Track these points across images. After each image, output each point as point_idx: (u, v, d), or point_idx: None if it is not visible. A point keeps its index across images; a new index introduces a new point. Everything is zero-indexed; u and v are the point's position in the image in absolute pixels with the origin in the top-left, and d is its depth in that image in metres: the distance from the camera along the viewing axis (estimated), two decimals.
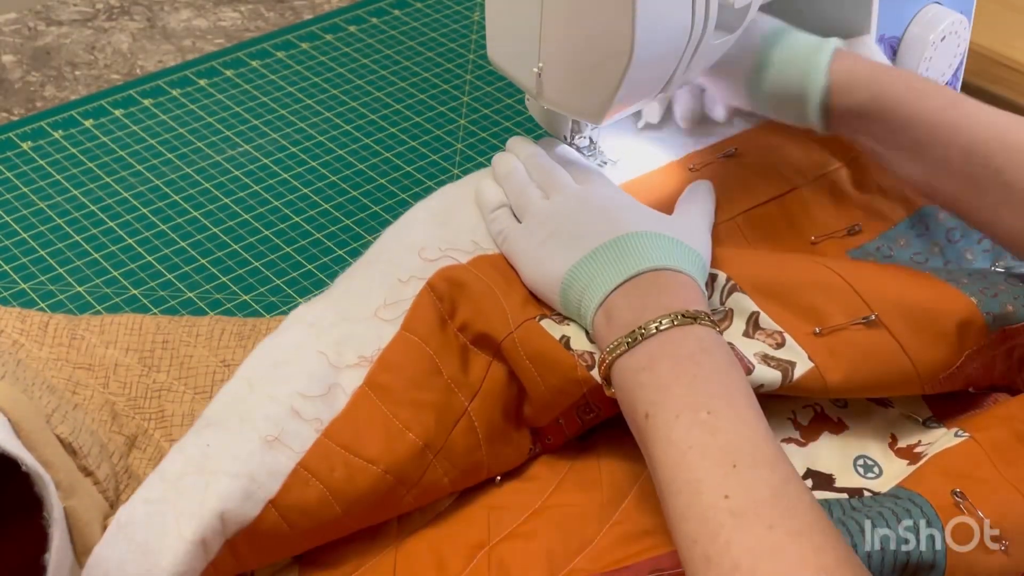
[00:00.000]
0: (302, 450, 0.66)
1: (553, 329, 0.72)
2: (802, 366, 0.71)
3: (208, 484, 0.63)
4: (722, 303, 0.75)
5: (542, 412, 0.72)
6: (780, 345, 0.72)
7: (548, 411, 0.72)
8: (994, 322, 0.74)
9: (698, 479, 0.59)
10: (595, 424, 0.73)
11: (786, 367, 0.71)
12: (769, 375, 0.70)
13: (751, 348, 0.72)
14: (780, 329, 0.73)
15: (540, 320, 0.73)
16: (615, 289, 0.70)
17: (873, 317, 0.73)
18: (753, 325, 0.74)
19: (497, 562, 0.67)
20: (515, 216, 0.79)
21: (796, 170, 0.87)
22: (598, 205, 0.76)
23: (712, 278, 0.76)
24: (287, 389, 0.69)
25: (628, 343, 0.66)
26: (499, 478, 0.72)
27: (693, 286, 0.70)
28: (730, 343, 0.72)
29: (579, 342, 0.72)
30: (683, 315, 0.66)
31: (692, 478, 0.60)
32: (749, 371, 0.70)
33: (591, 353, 0.71)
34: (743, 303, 0.75)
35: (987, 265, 0.83)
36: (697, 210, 0.79)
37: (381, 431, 0.68)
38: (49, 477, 0.62)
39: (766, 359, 0.71)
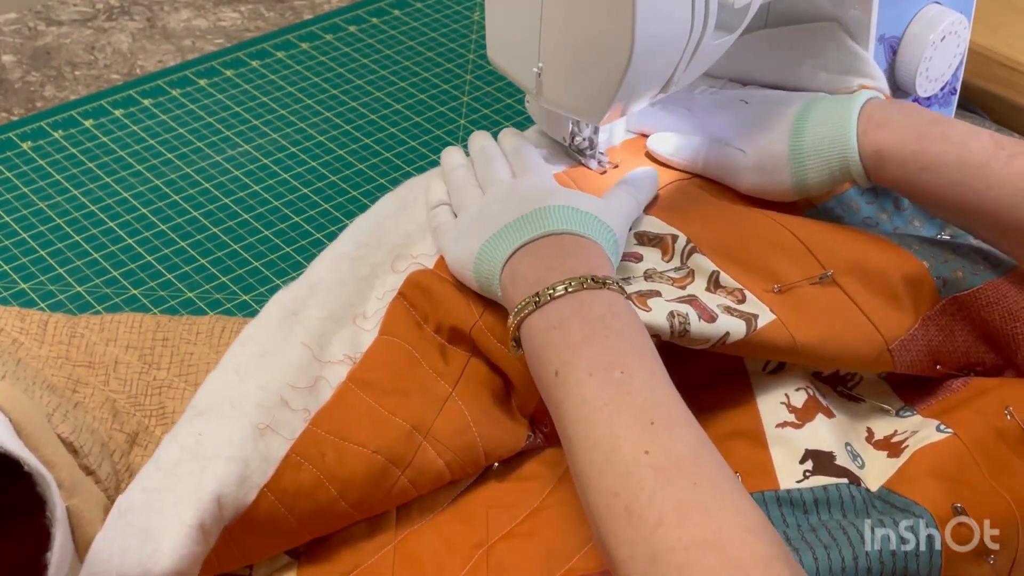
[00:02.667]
0: (293, 437, 0.68)
1: None
2: (765, 318, 0.73)
3: (204, 469, 0.64)
4: (683, 263, 0.77)
5: (527, 394, 0.72)
6: (741, 301, 0.74)
7: (531, 391, 0.72)
8: (944, 287, 0.76)
9: (616, 435, 0.60)
10: None
11: (749, 317, 0.72)
12: (733, 323, 0.72)
13: (714, 300, 0.74)
14: (740, 286, 0.75)
15: None
16: (518, 250, 0.71)
17: (829, 274, 0.75)
18: (714, 283, 0.76)
19: (495, 561, 0.67)
20: (455, 213, 0.81)
21: None
22: (522, 193, 0.77)
23: (673, 239, 0.78)
24: (276, 379, 0.70)
25: (535, 302, 0.67)
26: (496, 464, 0.72)
27: (599, 251, 0.71)
28: (693, 295, 0.73)
29: None
30: (592, 279, 0.67)
31: (609, 433, 0.60)
32: (713, 319, 0.71)
33: None
34: (703, 263, 0.77)
35: (934, 233, 0.85)
36: (624, 192, 0.80)
37: (367, 418, 0.69)
38: (51, 477, 0.62)
39: (729, 310, 0.73)
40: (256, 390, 0.69)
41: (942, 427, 0.71)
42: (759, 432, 0.73)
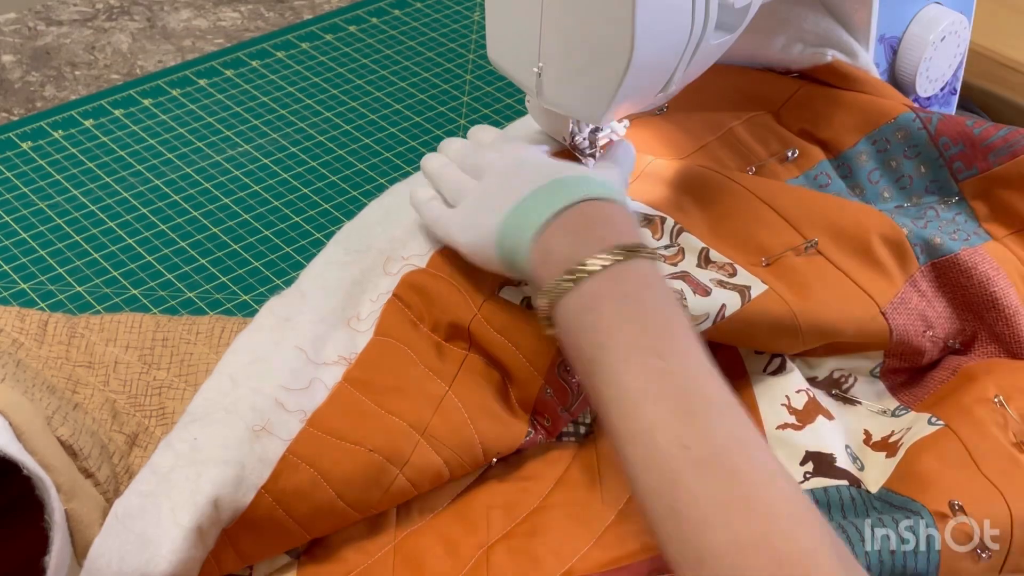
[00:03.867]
0: (289, 438, 0.67)
1: (513, 295, 0.74)
2: (757, 288, 0.74)
3: (200, 473, 0.64)
4: (672, 242, 0.78)
5: (528, 385, 0.72)
6: (732, 275, 0.75)
7: (532, 381, 0.72)
8: (922, 254, 0.78)
9: (654, 428, 0.59)
10: (587, 403, 0.73)
11: (742, 289, 0.73)
12: (728, 295, 0.73)
13: (706, 276, 0.75)
14: (730, 261, 0.76)
15: (500, 291, 0.74)
16: (549, 223, 0.68)
17: (814, 243, 0.77)
18: (704, 259, 0.77)
19: (495, 561, 0.67)
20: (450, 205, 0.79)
21: (726, 116, 0.90)
22: (527, 163, 0.76)
23: (661, 220, 0.79)
24: (270, 382, 0.70)
25: (569, 281, 0.65)
26: (495, 461, 0.72)
27: (626, 215, 0.70)
28: (685, 271, 0.74)
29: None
30: (625, 248, 0.65)
31: (648, 427, 0.59)
32: (707, 292, 0.72)
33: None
34: (692, 241, 0.78)
35: (902, 203, 0.86)
36: (611, 166, 0.80)
37: (364, 417, 0.69)
38: (50, 480, 0.62)
39: (722, 284, 0.74)
40: (250, 393, 0.69)
41: (933, 419, 0.72)
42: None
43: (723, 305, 0.72)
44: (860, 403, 0.77)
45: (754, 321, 0.73)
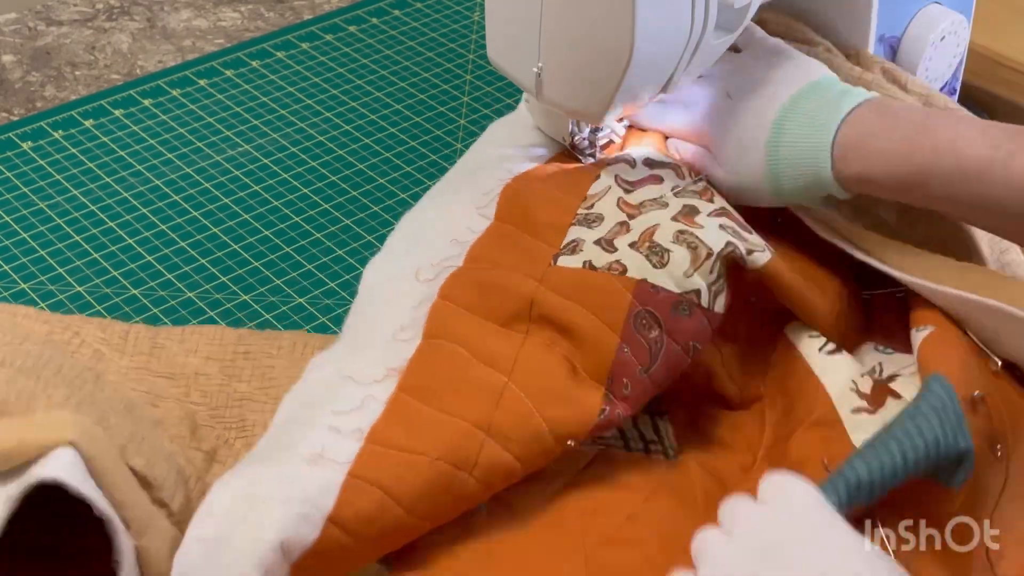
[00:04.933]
0: (348, 461, 0.64)
1: (571, 261, 0.73)
2: (766, 255, 0.75)
3: (261, 515, 0.61)
4: (697, 178, 0.80)
5: (602, 346, 0.70)
6: (750, 232, 0.76)
7: (607, 341, 0.70)
8: None
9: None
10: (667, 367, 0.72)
11: (761, 246, 0.75)
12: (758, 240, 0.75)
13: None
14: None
15: (556, 262, 0.73)
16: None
17: None
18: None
19: (597, 567, 0.65)
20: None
21: None
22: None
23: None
24: (321, 411, 0.67)
25: None
26: (571, 442, 0.68)
27: None
28: (724, 207, 0.76)
29: (600, 260, 0.73)
30: None
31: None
32: (750, 230, 0.75)
33: (618, 261, 0.72)
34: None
35: None
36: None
37: (424, 424, 0.66)
38: (119, 522, 0.60)
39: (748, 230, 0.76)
40: (303, 429, 0.66)
41: (921, 328, 0.72)
42: (836, 420, 0.71)
43: (765, 243, 0.74)
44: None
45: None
